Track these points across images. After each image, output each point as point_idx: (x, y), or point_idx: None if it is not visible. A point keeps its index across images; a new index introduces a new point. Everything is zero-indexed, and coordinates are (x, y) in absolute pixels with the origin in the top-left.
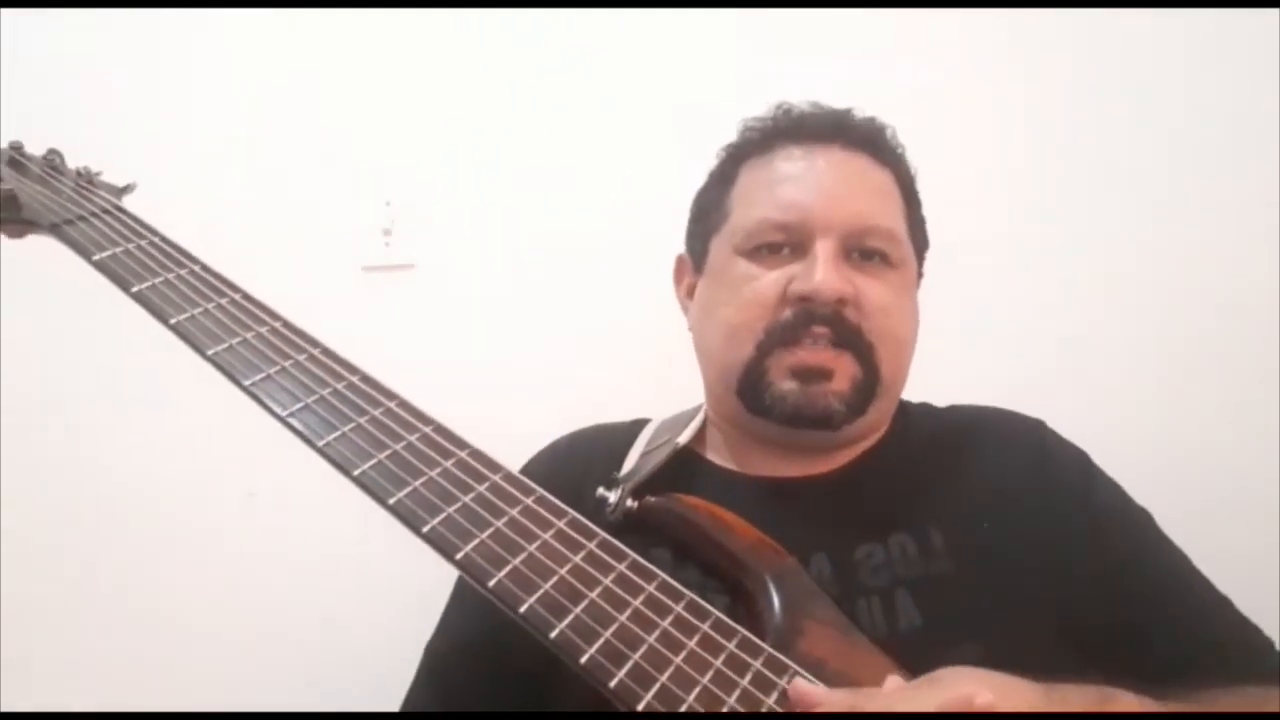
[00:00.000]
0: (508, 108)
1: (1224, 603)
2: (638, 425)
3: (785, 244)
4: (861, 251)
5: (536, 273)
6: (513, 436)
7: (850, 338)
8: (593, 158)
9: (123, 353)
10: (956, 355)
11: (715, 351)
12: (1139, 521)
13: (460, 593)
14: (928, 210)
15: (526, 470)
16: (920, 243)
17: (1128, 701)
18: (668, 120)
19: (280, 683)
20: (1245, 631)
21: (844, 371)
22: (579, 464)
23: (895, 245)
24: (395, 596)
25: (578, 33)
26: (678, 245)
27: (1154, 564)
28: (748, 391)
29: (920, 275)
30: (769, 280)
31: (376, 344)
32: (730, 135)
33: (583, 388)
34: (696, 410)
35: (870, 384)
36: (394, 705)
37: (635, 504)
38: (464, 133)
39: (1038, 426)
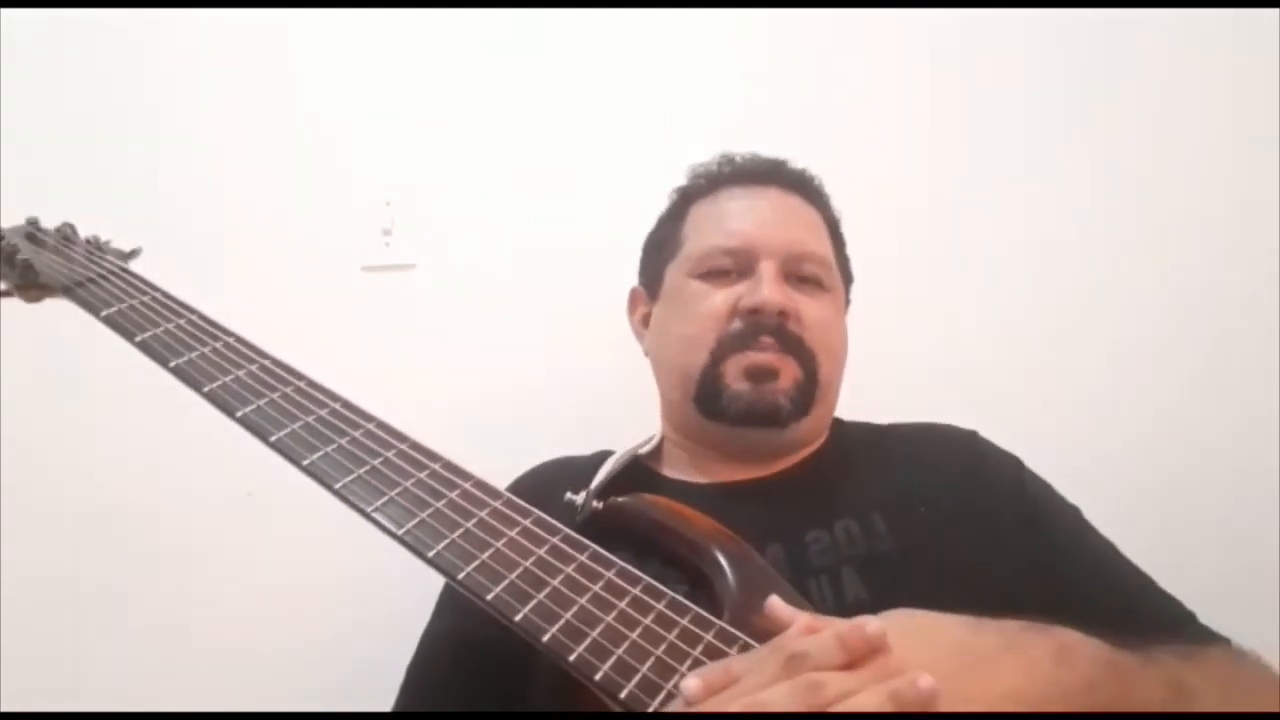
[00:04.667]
0: (508, 108)
1: (1149, 580)
2: (601, 456)
3: (733, 268)
4: (799, 276)
5: (536, 273)
6: (512, 436)
7: (793, 345)
8: (592, 157)
9: (121, 351)
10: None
11: (673, 362)
12: (1068, 512)
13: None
14: (929, 211)
15: None
16: (846, 276)
17: (1064, 635)
18: (667, 121)
19: (280, 682)
20: (1170, 603)
21: (788, 372)
22: (542, 491)
23: (827, 271)
24: (395, 596)
25: (578, 33)
26: None
27: (1083, 547)
28: (704, 395)
29: (847, 303)
30: (720, 297)
31: (376, 344)
32: (730, 135)
33: (582, 388)
34: (654, 435)
35: (810, 386)
36: (393, 705)
37: (601, 504)
38: (464, 133)
39: (972, 434)
